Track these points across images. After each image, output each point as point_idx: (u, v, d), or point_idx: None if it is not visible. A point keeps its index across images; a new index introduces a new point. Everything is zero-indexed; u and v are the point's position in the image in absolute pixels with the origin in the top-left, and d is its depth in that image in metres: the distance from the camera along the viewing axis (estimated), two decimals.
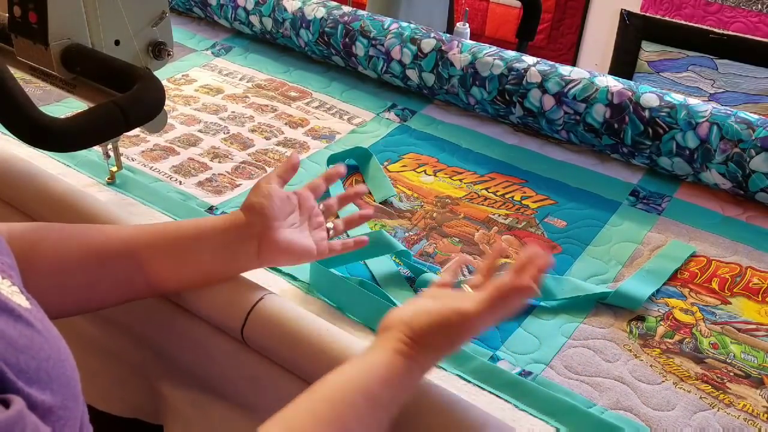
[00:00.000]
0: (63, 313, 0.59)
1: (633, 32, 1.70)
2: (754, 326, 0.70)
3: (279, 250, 0.62)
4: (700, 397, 0.62)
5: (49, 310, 0.57)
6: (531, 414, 0.59)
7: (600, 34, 2.18)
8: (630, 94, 0.91)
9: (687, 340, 0.68)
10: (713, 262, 0.78)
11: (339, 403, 0.46)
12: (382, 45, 1.09)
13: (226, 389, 0.66)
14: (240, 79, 1.16)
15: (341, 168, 0.70)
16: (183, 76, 1.17)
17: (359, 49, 1.11)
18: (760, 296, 0.74)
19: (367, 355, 0.50)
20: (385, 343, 0.51)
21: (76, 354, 0.78)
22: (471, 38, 1.21)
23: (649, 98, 0.90)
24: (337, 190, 0.87)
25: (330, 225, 0.68)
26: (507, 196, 0.89)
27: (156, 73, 0.69)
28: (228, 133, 1.01)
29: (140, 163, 0.92)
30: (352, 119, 1.06)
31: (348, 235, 0.80)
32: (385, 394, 0.48)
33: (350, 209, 0.84)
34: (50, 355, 0.38)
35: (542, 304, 0.72)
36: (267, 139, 1.00)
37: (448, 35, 1.07)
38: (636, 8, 1.84)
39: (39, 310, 0.40)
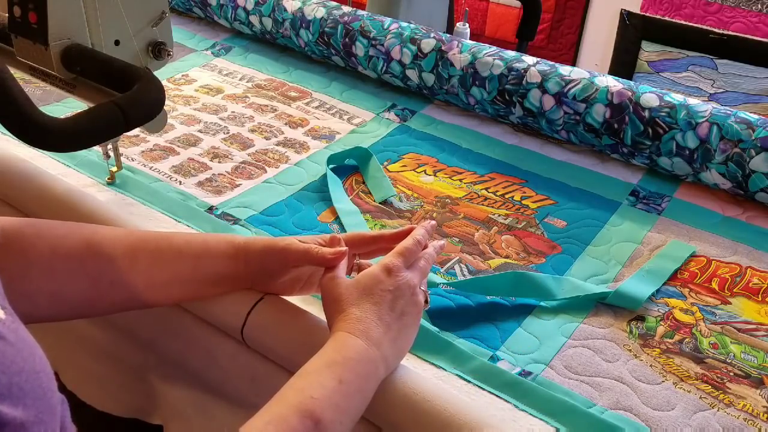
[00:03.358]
0: (59, 315, 0.58)
1: (633, 32, 1.70)
2: (754, 326, 0.70)
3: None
4: (700, 397, 0.62)
5: (42, 311, 0.56)
6: (531, 414, 0.59)
7: (600, 34, 2.18)
8: (630, 94, 0.91)
9: (687, 340, 0.68)
10: (713, 262, 0.78)
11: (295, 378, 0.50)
12: (382, 45, 1.09)
13: (226, 389, 0.66)
14: (240, 79, 1.16)
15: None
16: (183, 76, 1.17)
17: (359, 49, 1.11)
18: (760, 296, 0.74)
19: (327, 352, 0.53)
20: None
21: (76, 355, 0.78)
22: (471, 38, 1.21)
23: (649, 98, 0.90)
24: (337, 190, 0.88)
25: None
26: (507, 196, 0.89)
27: (156, 73, 0.69)
28: (228, 133, 1.01)
29: (140, 163, 0.92)
30: (352, 119, 1.06)
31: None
32: (335, 356, 0.51)
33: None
34: (23, 368, 0.36)
35: (542, 304, 0.72)
36: (267, 139, 1.00)
37: (448, 35, 1.07)
38: (636, 8, 1.84)
39: (14, 319, 0.39)
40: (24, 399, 0.35)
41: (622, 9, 1.72)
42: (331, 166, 0.93)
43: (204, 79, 1.16)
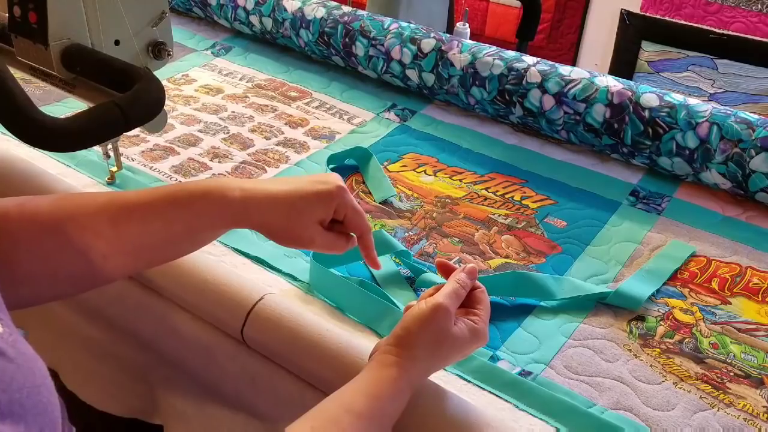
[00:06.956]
0: (64, 294, 0.56)
1: (633, 32, 1.70)
2: (754, 326, 0.70)
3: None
4: (700, 397, 0.62)
5: (44, 293, 0.54)
6: (531, 414, 0.59)
7: (600, 34, 2.18)
8: (630, 94, 0.91)
9: (687, 340, 0.68)
10: (713, 262, 0.78)
11: (322, 423, 0.47)
12: (382, 45, 1.09)
13: (226, 389, 0.66)
14: (240, 79, 1.16)
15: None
16: (183, 76, 1.17)
17: (359, 49, 1.11)
18: (760, 296, 0.74)
19: (357, 376, 0.52)
20: (370, 361, 0.54)
21: (78, 355, 0.78)
22: (471, 38, 1.21)
23: (649, 98, 0.90)
24: None
25: None
26: (507, 196, 0.89)
27: (156, 73, 0.69)
28: (228, 133, 1.01)
29: (140, 163, 0.92)
30: (352, 119, 1.06)
31: None
32: (371, 407, 0.49)
33: None
34: (23, 384, 0.35)
35: (542, 304, 0.72)
36: (267, 139, 1.00)
37: (448, 35, 1.07)
38: (636, 8, 1.84)
39: (12, 331, 0.38)
40: (25, 416, 0.34)
41: (622, 9, 1.72)
42: (331, 166, 0.93)
43: (204, 79, 1.16)
